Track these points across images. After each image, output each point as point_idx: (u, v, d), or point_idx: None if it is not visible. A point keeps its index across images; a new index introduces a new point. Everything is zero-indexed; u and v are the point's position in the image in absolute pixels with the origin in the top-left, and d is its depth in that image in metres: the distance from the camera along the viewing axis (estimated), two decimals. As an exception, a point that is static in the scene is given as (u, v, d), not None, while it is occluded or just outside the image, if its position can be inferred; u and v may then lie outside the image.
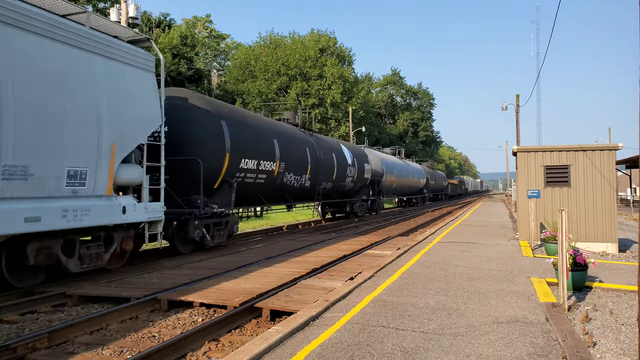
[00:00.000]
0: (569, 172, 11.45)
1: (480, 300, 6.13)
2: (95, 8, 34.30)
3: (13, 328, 5.82)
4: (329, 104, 46.49)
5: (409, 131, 75.54)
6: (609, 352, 4.53)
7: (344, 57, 52.72)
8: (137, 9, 20.99)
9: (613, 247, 10.91)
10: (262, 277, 7.96)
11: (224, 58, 55.07)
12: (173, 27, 46.06)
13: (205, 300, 6.46)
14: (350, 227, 19.57)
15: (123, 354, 4.95)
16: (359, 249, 11.48)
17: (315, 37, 49.62)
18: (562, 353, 4.25)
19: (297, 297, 6.49)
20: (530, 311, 5.63)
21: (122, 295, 6.82)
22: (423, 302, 6.05)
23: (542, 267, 8.50)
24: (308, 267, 8.87)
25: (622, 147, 11.34)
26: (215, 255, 10.67)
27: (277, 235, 15.55)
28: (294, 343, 4.53)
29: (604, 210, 11.09)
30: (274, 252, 10.92)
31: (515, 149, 12.40)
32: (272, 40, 49.91)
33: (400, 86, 78.54)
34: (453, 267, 8.51)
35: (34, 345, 4.95)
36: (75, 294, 7.02)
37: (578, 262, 6.82)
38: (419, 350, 4.35)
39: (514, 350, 4.35)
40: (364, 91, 55.29)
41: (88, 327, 5.66)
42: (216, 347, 5.16)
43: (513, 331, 4.88)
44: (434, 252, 10.39)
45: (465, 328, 4.98)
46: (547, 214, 11.55)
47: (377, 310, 5.66)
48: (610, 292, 6.95)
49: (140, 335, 5.48)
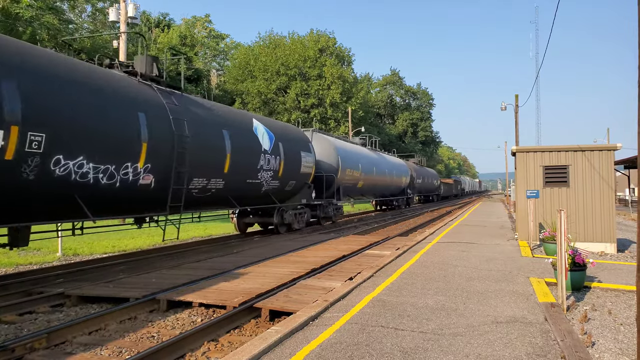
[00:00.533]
0: (567, 173, 11.46)
1: (479, 300, 6.13)
2: (94, 8, 34.25)
3: (11, 328, 5.82)
4: (328, 104, 46.47)
5: (409, 131, 75.57)
6: (607, 352, 4.53)
7: (344, 57, 52.72)
8: (136, 8, 20.98)
9: (612, 247, 10.92)
10: (261, 277, 7.95)
11: (223, 58, 55.04)
12: (172, 27, 46.03)
13: (204, 300, 6.46)
14: (350, 228, 19.55)
15: (122, 354, 4.94)
16: (358, 249, 11.48)
17: (314, 37, 49.60)
18: (560, 353, 4.25)
19: (296, 297, 6.49)
20: (529, 311, 5.63)
21: (121, 295, 6.82)
22: (422, 302, 6.05)
23: (541, 267, 8.51)
24: (307, 267, 8.86)
25: (620, 147, 11.35)
26: (215, 256, 10.66)
27: (276, 236, 15.54)
28: (293, 343, 4.53)
29: (602, 210, 11.10)
30: (272, 253, 10.91)
31: (514, 149, 12.41)
32: (272, 40, 49.88)
33: (399, 86, 78.57)
34: (452, 267, 8.51)
35: (32, 346, 4.94)
36: (73, 294, 7.01)
37: (577, 262, 6.83)
38: (418, 350, 4.35)
39: (512, 350, 4.35)
40: (363, 91, 55.28)
41: (87, 328, 5.65)
42: (215, 347, 5.16)
43: (512, 331, 4.89)
44: (433, 252, 10.39)
45: (464, 328, 4.98)
46: (546, 214, 11.56)
47: (377, 310, 5.66)
48: (608, 292, 6.95)
49: (139, 336, 5.47)
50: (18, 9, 24.39)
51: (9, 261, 10.88)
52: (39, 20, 25.66)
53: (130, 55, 31.00)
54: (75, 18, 34.16)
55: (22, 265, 10.75)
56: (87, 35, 31.86)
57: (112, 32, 34.11)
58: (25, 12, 24.51)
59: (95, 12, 34.49)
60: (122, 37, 20.31)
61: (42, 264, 10.90)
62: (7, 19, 24.73)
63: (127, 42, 23.84)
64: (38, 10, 25.40)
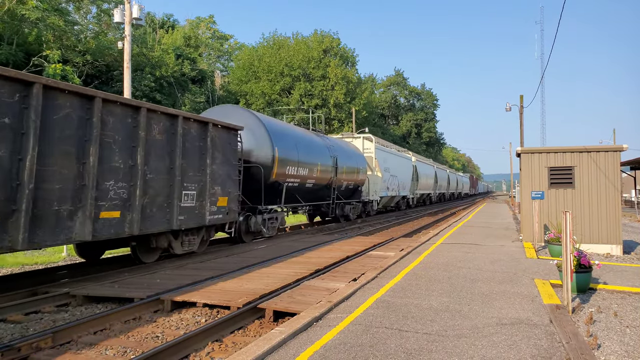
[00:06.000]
0: (573, 174, 11.41)
1: (483, 302, 6.11)
2: (99, 9, 34.42)
3: (17, 328, 5.85)
4: (332, 104, 46.51)
5: (412, 132, 75.51)
6: (613, 355, 4.51)
7: (347, 58, 52.75)
8: (140, 9, 21.06)
9: (617, 249, 10.86)
10: (265, 277, 7.96)
11: (227, 59, 55.19)
12: (176, 28, 46.21)
13: (208, 300, 6.47)
14: (354, 229, 19.54)
15: (127, 354, 4.96)
16: (362, 250, 11.47)
17: (318, 38, 49.67)
18: (566, 355, 4.23)
19: (300, 298, 6.49)
20: (534, 313, 5.61)
21: (126, 295, 6.84)
22: (426, 303, 6.04)
23: (546, 269, 8.47)
24: (311, 268, 8.86)
25: (626, 148, 11.29)
26: (219, 256, 10.68)
27: (280, 236, 15.55)
28: (297, 344, 4.53)
29: (608, 211, 11.04)
30: (276, 253, 10.92)
31: (519, 150, 12.36)
32: (276, 41, 49.97)
33: (403, 87, 78.55)
34: (456, 269, 8.49)
35: (38, 345, 4.96)
36: (79, 294, 7.04)
37: (582, 264, 6.79)
38: (422, 351, 4.34)
39: (517, 352, 4.34)
40: (367, 92, 55.30)
41: (92, 327, 5.68)
42: (219, 347, 5.17)
43: (517, 333, 4.87)
44: (437, 254, 10.37)
45: (468, 330, 4.97)
46: (551, 216, 11.51)
47: (381, 311, 5.65)
48: (614, 294, 6.91)
49: (143, 336, 5.49)
50: (24, 10, 24.54)
51: (15, 261, 10.95)
52: (44, 21, 25.81)
53: (135, 56, 31.17)
54: (80, 19, 34.33)
55: (28, 265, 10.82)
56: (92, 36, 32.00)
57: (118, 34, 34.30)
58: (32, 14, 24.66)
59: (100, 13, 34.65)
60: (127, 38, 20.39)
61: (48, 264, 10.96)
62: (12, 20, 24.89)
63: (132, 44, 23.95)
64: (44, 12, 25.55)
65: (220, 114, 14.07)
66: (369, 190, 24.98)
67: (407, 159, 35.06)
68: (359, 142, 25.81)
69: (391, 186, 28.98)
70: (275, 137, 14.68)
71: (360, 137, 26.27)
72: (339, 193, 20.61)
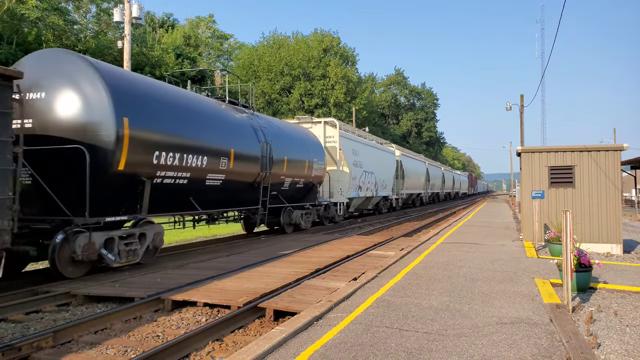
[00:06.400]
0: (573, 173, 11.41)
1: (483, 301, 6.12)
2: (99, 8, 34.40)
3: (18, 327, 5.86)
4: (332, 104, 46.48)
5: (413, 131, 75.50)
6: (613, 354, 4.51)
7: (347, 57, 52.72)
8: (140, 9, 21.05)
9: (618, 248, 10.86)
10: (266, 277, 7.97)
11: (227, 58, 55.15)
12: (176, 28, 46.19)
13: (208, 300, 6.48)
14: (354, 228, 19.54)
15: (127, 353, 4.97)
16: (362, 250, 11.47)
17: (318, 37, 49.64)
18: (566, 354, 4.23)
19: (300, 298, 6.50)
20: (534, 312, 5.61)
21: (126, 295, 6.85)
22: (427, 302, 6.04)
23: (546, 268, 8.47)
24: (311, 267, 8.87)
25: (627, 147, 11.29)
26: (220, 256, 10.68)
27: (281, 236, 15.55)
28: (297, 343, 4.54)
29: (608, 211, 11.04)
30: (277, 252, 10.92)
31: (519, 150, 12.36)
32: (275, 41, 49.94)
33: (404, 86, 78.54)
34: (457, 268, 8.50)
35: (38, 345, 4.97)
36: (79, 294, 7.04)
37: (582, 263, 6.79)
38: (422, 350, 4.34)
39: (517, 351, 4.34)
40: (367, 91, 55.29)
41: (92, 327, 5.68)
42: (220, 347, 5.17)
43: (517, 332, 4.87)
44: (437, 253, 10.37)
45: (468, 329, 4.97)
46: (552, 215, 11.51)
47: (381, 310, 5.66)
48: (614, 293, 6.91)
49: (144, 335, 5.49)
50: (24, 10, 24.52)
51: (15, 260, 10.93)
52: (44, 21, 25.79)
53: (134, 56, 31.14)
54: (80, 19, 34.31)
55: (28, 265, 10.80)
56: (91, 35, 31.98)
57: (117, 34, 34.27)
58: (31, 13, 24.64)
59: (99, 12, 34.62)
60: (126, 37, 20.38)
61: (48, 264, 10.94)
62: (12, 19, 24.87)
63: (132, 43, 23.94)
64: (43, 11, 25.53)
65: (37, 62, 8.69)
66: (331, 189, 19.83)
67: (388, 153, 29.48)
68: (319, 129, 20.25)
69: (365, 185, 23.58)
70: (125, 98, 8.76)
71: (321, 121, 20.83)
72: (279, 194, 15.37)
